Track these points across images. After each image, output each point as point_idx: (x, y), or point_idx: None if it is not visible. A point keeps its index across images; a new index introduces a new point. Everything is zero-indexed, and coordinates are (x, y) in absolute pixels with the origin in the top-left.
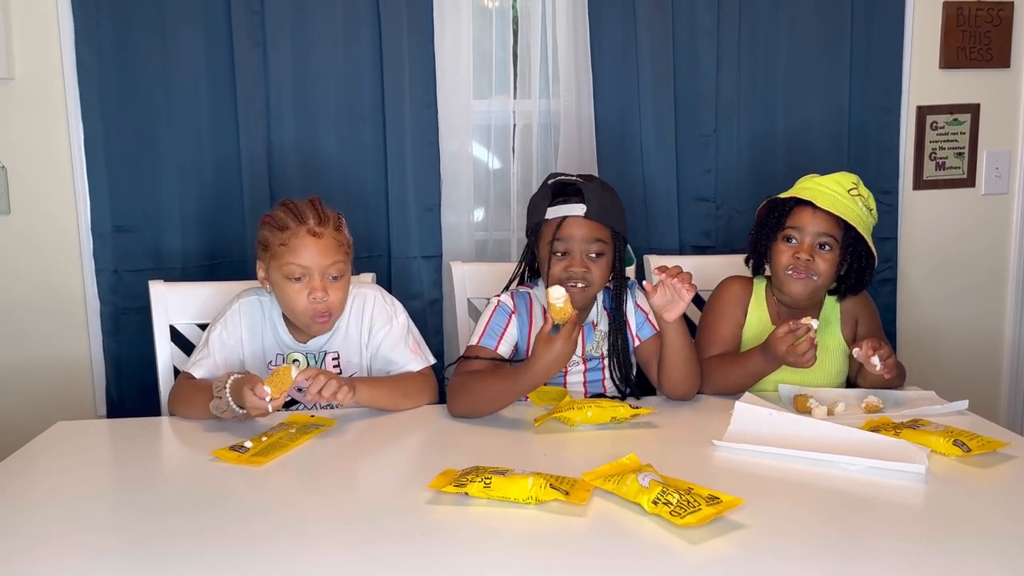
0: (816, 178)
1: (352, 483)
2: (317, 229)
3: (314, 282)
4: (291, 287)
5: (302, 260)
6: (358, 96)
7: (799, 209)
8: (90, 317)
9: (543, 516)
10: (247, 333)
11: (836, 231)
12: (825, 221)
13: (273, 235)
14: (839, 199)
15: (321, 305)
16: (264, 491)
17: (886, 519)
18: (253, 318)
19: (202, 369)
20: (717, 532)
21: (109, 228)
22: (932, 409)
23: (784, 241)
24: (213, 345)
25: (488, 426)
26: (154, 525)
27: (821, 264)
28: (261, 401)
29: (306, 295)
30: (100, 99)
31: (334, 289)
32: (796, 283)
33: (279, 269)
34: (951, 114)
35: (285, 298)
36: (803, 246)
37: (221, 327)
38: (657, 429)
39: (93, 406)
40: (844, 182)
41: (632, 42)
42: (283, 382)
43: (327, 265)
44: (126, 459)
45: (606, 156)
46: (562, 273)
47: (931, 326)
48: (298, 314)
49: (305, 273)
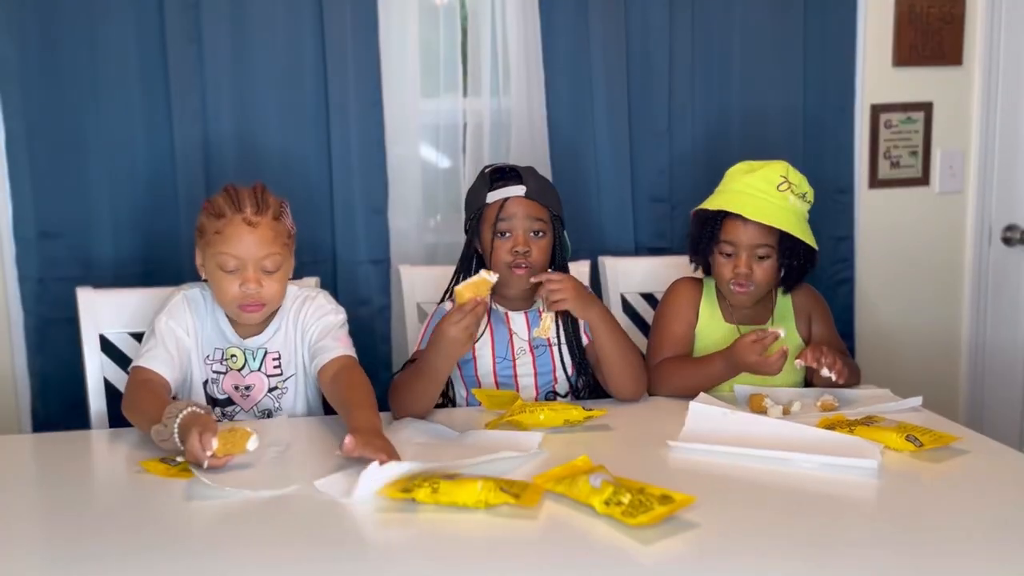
0: (744, 177)
1: (291, 491)
2: (253, 219)
3: (247, 273)
4: (223, 277)
5: (235, 250)
6: (300, 95)
7: (731, 221)
8: (13, 329)
9: (493, 521)
10: (192, 324)
11: (770, 239)
12: (758, 232)
13: (209, 222)
14: (768, 202)
15: (252, 296)
16: (195, 505)
17: (840, 514)
18: (197, 309)
19: (154, 360)
20: (670, 532)
21: (33, 233)
22: (887, 406)
23: (722, 255)
24: (162, 334)
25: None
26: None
27: (760, 273)
28: (201, 452)
29: (238, 285)
30: (23, 96)
31: (269, 281)
32: (739, 296)
33: (213, 258)
34: (905, 112)
35: (217, 288)
36: (740, 260)
37: (167, 316)
38: (611, 431)
39: (18, 423)
40: (772, 177)
41: (584, 38)
42: (235, 446)
43: (261, 257)
44: (49, 475)
45: (559, 155)
46: (506, 255)
47: (889, 326)
48: (227, 303)
49: (239, 265)
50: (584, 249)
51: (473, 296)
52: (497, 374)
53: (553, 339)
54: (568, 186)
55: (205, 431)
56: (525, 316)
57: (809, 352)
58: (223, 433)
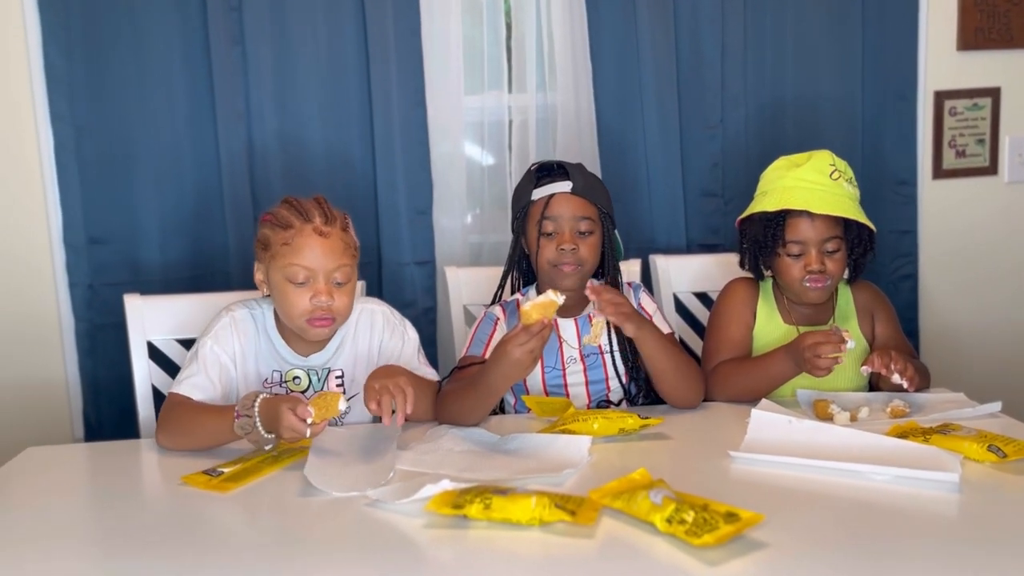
0: (792, 172)
1: (339, 506)
2: (324, 228)
3: (318, 285)
4: (293, 290)
5: (306, 261)
6: (343, 95)
7: (795, 220)
8: (65, 335)
9: (548, 539)
10: (241, 348)
11: (837, 230)
12: (825, 225)
13: (275, 233)
14: (829, 192)
15: (323, 310)
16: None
17: (918, 532)
18: (246, 332)
19: (194, 388)
20: (737, 552)
21: (83, 240)
22: (963, 412)
23: (790, 256)
24: (204, 360)
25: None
26: (124, 554)
27: (833, 267)
28: (301, 424)
29: (308, 298)
30: (70, 103)
31: (340, 294)
32: (814, 292)
33: (280, 270)
34: (970, 99)
35: (285, 302)
36: (811, 258)
37: (212, 341)
38: (668, 440)
39: (70, 429)
40: (822, 167)
41: (632, 31)
42: (328, 409)
43: (332, 268)
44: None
45: (607, 151)
46: (553, 255)
47: (956, 325)
48: (296, 316)
49: (309, 276)
50: (633, 247)
51: (541, 318)
52: (546, 383)
53: (605, 346)
54: (617, 181)
55: (296, 405)
56: (575, 323)
57: (877, 357)
58: (315, 400)
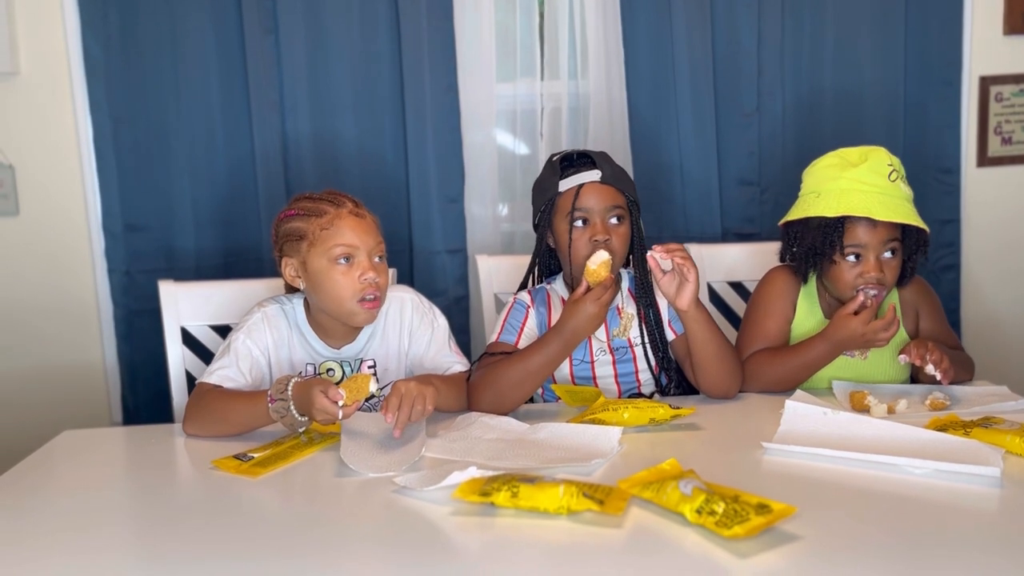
0: (848, 172)
1: (367, 493)
2: (358, 211)
3: (363, 262)
4: (338, 271)
5: (349, 240)
6: (375, 82)
7: (854, 224)
8: (103, 320)
9: (576, 528)
10: (273, 343)
11: (896, 233)
12: (886, 230)
13: (309, 223)
14: (889, 196)
15: (372, 287)
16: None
17: (957, 528)
18: (279, 327)
19: (224, 379)
20: (768, 544)
21: (120, 227)
22: (1005, 405)
23: (848, 260)
24: (237, 353)
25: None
26: (157, 537)
27: (890, 273)
28: (333, 406)
29: (357, 275)
30: (108, 93)
31: (381, 272)
32: (875, 300)
33: (324, 254)
34: (1017, 84)
35: (333, 286)
36: (870, 265)
37: (244, 335)
38: (700, 431)
39: (108, 413)
40: (880, 168)
41: (666, 17)
42: (359, 391)
43: (373, 244)
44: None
45: (640, 139)
46: (586, 246)
47: (999, 315)
48: (347, 299)
49: (353, 253)
50: (667, 236)
51: (609, 274)
52: (575, 376)
53: (635, 339)
54: (649, 170)
55: (328, 388)
56: (612, 296)
57: (913, 348)
58: (346, 383)
